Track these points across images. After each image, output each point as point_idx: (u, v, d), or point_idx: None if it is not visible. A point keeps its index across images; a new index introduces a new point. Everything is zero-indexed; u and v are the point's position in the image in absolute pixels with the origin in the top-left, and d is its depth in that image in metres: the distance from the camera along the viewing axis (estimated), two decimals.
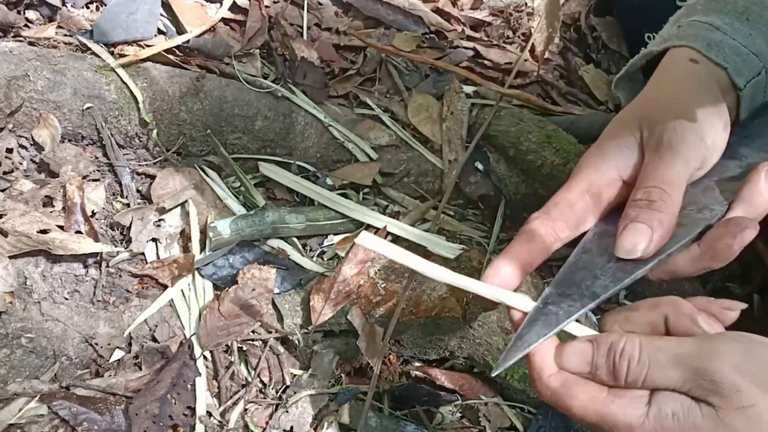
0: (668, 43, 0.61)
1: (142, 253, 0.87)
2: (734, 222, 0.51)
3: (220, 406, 0.79)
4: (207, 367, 0.82)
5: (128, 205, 0.92)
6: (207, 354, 0.82)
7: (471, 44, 1.21)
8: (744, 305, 0.47)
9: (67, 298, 0.81)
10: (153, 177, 0.94)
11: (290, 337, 0.86)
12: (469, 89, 1.09)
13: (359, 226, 0.94)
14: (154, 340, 0.82)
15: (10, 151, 0.89)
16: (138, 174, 0.96)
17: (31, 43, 0.96)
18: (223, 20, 1.10)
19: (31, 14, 1.02)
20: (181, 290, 0.86)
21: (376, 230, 0.91)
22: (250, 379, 0.83)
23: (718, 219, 0.53)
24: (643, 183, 0.52)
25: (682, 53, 0.59)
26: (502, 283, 0.49)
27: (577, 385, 0.44)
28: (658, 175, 0.52)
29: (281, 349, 0.86)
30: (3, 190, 0.86)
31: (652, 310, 0.46)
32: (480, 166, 1.01)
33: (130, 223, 0.88)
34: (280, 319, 0.86)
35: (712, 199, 0.54)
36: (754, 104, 0.59)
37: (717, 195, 0.54)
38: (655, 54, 0.63)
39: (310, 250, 0.95)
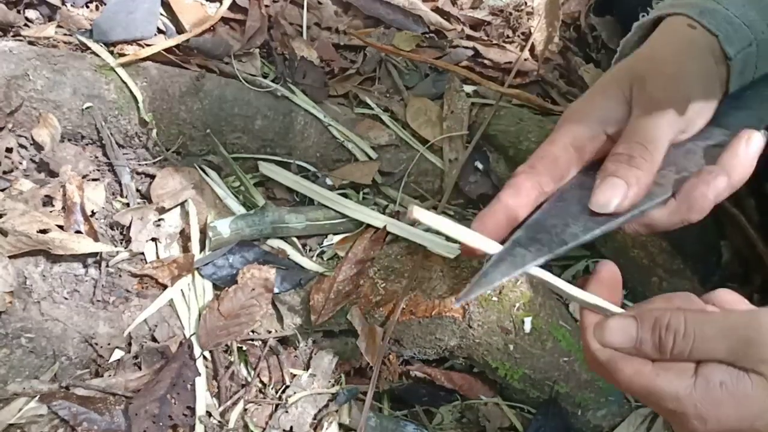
0: (662, 11, 0.61)
1: (142, 253, 0.87)
2: (706, 171, 0.51)
3: (219, 406, 0.79)
4: (207, 367, 0.82)
5: (128, 204, 0.92)
6: (207, 354, 0.82)
7: (471, 44, 1.21)
8: None
9: (66, 298, 0.81)
10: (153, 177, 0.94)
11: (290, 337, 0.86)
12: (469, 89, 1.09)
13: (359, 225, 0.94)
14: (154, 340, 0.82)
15: (9, 150, 0.89)
16: (138, 173, 0.96)
17: (30, 43, 0.96)
18: (223, 19, 1.09)
19: (30, 13, 1.02)
20: (181, 290, 0.86)
21: (376, 230, 0.91)
22: (249, 379, 0.83)
23: None
24: (626, 138, 0.53)
25: (680, 20, 0.59)
26: (489, 234, 0.50)
27: (622, 359, 0.45)
28: (642, 132, 0.52)
29: (281, 349, 0.86)
30: (3, 190, 0.86)
31: (665, 304, 0.47)
32: (480, 166, 1.01)
33: (130, 223, 0.88)
34: (280, 319, 0.86)
35: (692, 163, 0.55)
36: (744, 78, 0.60)
37: (698, 159, 0.55)
38: (649, 27, 0.63)
39: (310, 250, 0.95)
